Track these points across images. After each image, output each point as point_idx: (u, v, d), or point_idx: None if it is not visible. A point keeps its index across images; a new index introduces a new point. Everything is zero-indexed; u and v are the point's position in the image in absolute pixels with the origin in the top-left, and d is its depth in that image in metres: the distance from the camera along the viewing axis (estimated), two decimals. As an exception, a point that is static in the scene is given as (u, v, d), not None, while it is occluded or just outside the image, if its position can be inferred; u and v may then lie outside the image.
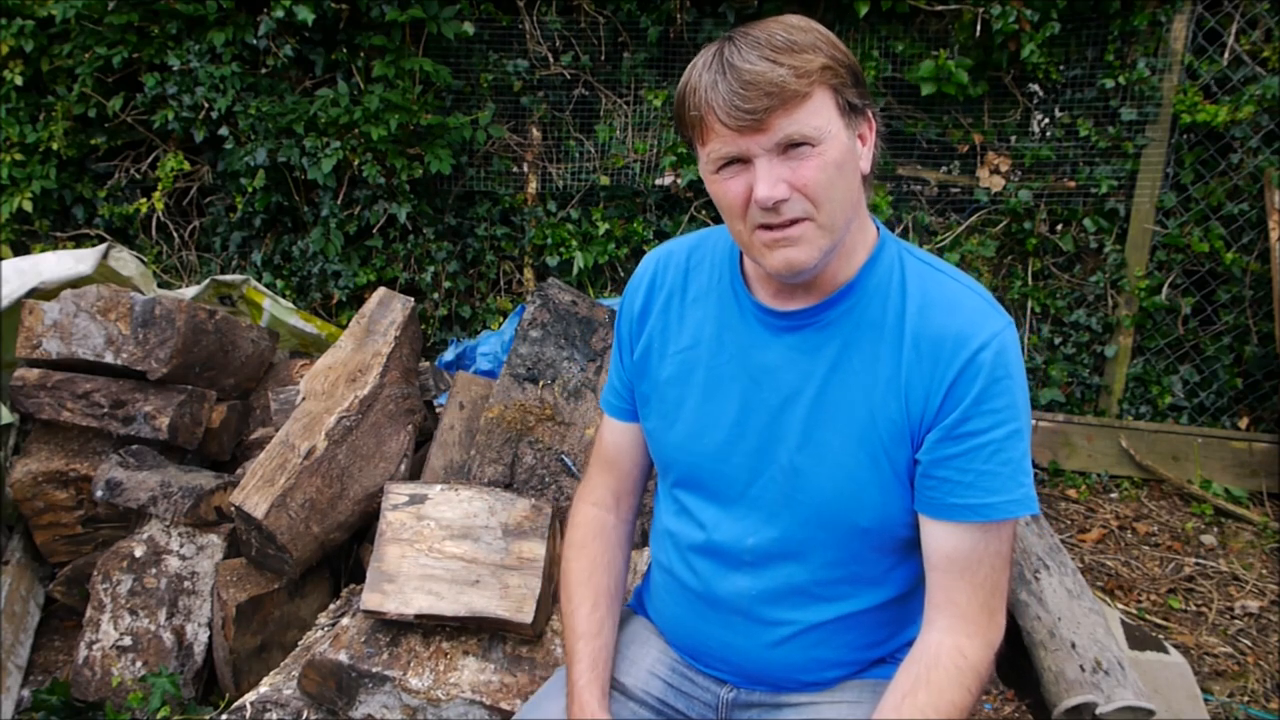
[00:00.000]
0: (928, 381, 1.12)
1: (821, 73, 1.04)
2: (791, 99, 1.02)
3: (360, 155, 3.65)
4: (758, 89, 1.01)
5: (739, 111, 1.02)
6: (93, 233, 4.13)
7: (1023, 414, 1.12)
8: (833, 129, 1.06)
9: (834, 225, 1.09)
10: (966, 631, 1.14)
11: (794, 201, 1.06)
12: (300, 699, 1.88)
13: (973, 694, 1.13)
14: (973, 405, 1.10)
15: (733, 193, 1.09)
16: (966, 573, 1.13)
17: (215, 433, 2.62)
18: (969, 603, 1.13)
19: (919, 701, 1.10)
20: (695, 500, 1.29)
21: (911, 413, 1.13)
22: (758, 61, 1.02)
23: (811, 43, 1.05)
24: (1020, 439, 1.12)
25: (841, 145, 1.07)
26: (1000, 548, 1.14)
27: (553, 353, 2.47)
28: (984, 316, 1.13)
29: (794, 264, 1.09)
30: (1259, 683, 2.56)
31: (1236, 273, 3.59)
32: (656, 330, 1.31)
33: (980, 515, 1.12)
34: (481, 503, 2.01)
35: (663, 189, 3.94)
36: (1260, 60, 3.49)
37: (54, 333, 2.48)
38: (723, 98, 1.03)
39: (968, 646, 1.13)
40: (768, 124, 1.03)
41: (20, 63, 3.83)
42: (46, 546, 2.50)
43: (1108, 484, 3.68)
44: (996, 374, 1.10)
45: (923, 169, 3.86)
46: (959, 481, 1.12)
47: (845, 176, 1.08)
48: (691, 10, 3.77)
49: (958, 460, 1.12)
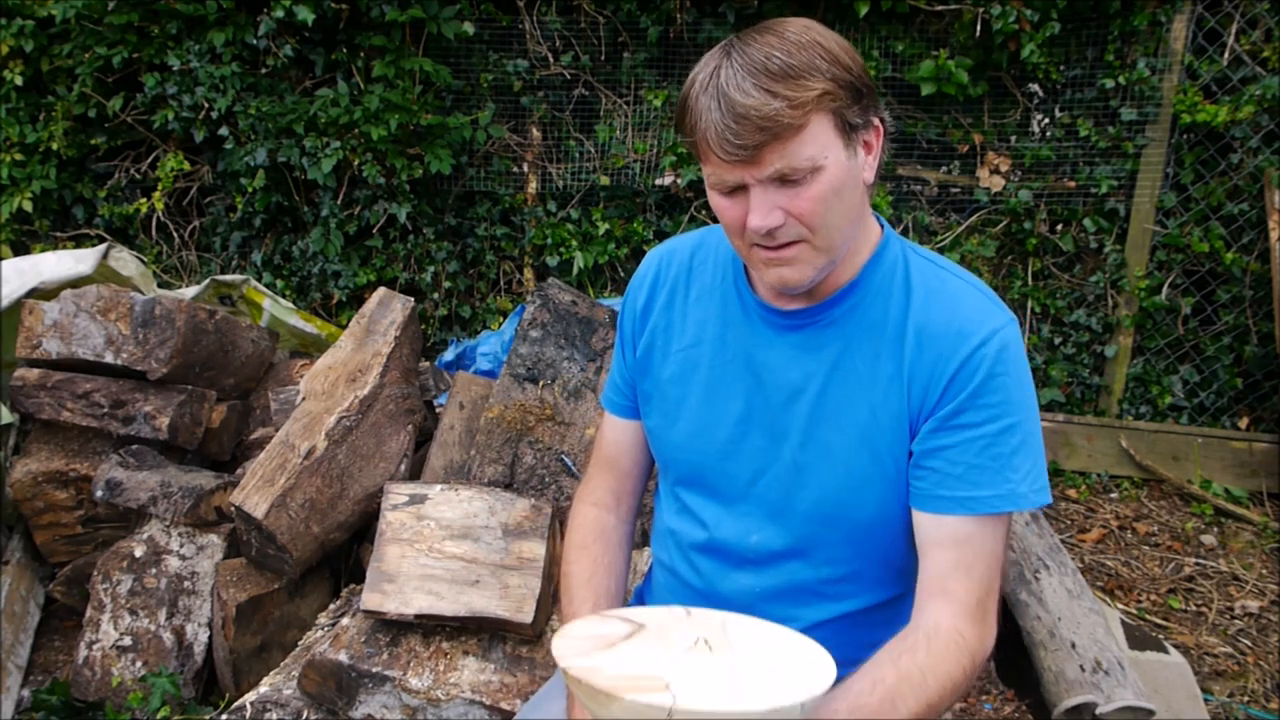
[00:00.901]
0: (928, 375, 1.12)
1: (819, 100, 1.01)
2: (785, 131, 0.99)
3: (360, 155, 3.65)
4: (750, 124, 0.99)
5: (732, 146, 1.00)
6: (93, 233, 4.13)
7: (1020, 410, 1.11)
8: (830, 154, 1.03)
9: (831, 246, 1.09)
10: (964, 618, 1.11)
11: (789, 227, 1.06)
12: (300, 699, 1.88)
13: (966, 677, 1.10)
14: (969, 399, 1.10)
15: (729, 214, 1.09)
16: (961, 565, 1.12)
17: (215, 433, 2.62)
18: (966, 595, 1.11)
19: (918, 660, 1.07)
20: (697, 499, 1.29)
21: (912, 408, 1.13)
22: (752, 92, 0.99)
23: (810, 64, 1.00)
24: (1013, 435, 1.11)
25: (839, 168, 1.05)
26: (993, 545, 1.13)
27: (553, 353, 2.47)
28: (987, 313, 1.13)
29: (788, 283, 1.10)
30: (1259, 683, 2.56)
31: (1236, 273, 3.59)
32: (659, 328, 1.31)
33: (966, 508, 1.11)
34: (481, 503, 2.01)
35: (663, 189, 3.94)
36: (1260, 60, 3.49)
37: (54, 333, 2.48)
38: (715, 130, 1.01)
39: (967, 630, 1.11)
40: (760, 158, 1.01)
41: (20, 63, 3.83)
42: (46, 546, 2.50)
43: (1108, 484, 3.68)
44: (995, 369, 1.10)
45: (923, 169, 3.86)
46: (948, 474, 1.12)
47: (843, 199, 1.07)
48: (691, 10, 3.77)
49: (948, 452, 1.12)
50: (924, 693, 1.06)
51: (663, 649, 1.01)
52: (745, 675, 0.97)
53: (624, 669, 0.95)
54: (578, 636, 1.02)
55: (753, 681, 0.95)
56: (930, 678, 1.06)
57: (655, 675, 0.94)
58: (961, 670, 1.09)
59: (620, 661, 0.97)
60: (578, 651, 0.98)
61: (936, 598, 1.12)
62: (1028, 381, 1.14)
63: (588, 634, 1.03)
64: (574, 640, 1.01)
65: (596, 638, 1.02)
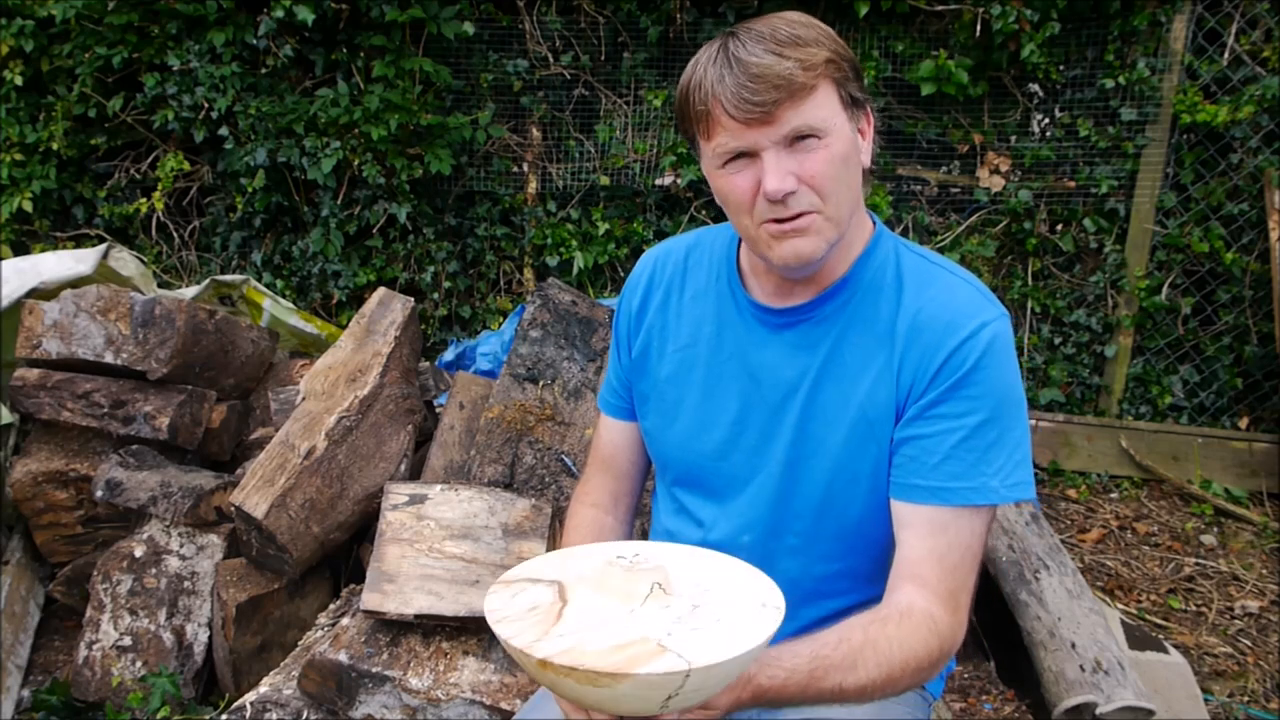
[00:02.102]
0: (917, 365, 1.12)
1: (826, 66, 1.05)
2: (799, 91, 1.03)
3: (360, 155, 3.65)
4: (765, 81, 1.02)
5: (748, 104, 1.02)
6: (93, 233, 4.13)
7: (1000, 405, 1.11)
8: (837, 121, 1.07)
9: (840, 217, 1.10)
10: (937, 604, 1.09)
11: (802, 194, 1.07)
12: (300, 699, 1.88)
13: (933, 661, 1.07)
14: (951, 389, 1.10)
15: (740, 187, 1.09)
16: (935, 553, 1.10)
17: (215, 433, 2.62)
18: (938, 583, 1.09)
19: (888, 630, 1.06)
20: (694, 499, 1.29)
21: (900, 398, 1.14)
22: (764, 55, 1.02)
23: (814, 37, 1.06)
24: (990, 429, 1.10)
25: (846, 138, 1.08)
26: (969, 539, 1.11)
27: (553, 353, 2.47)
28: (977, 306, 1.13)
29: (802, 255, 1.10)
30: (1259, 683, 2.56)
31: (1236, 273, 3.59)
32: (655, 328, 1.31)
33: (939, 498, 1.10)
34: (481, 503, 2.01)
35: (663, 189, 3.94)
36: (1260, 60, 3.49)
37: (54, 333, 2.48)
38: (730, 91, 1.03)
39: (939, 616, 1.09)
40: (775, 116, 1.03)
41: (20, 63, 3.83)
42: (46, 546, 2.50)
43: (1108, 484, 3.68)
44: (981, 363, 1.10)
45: (923, 169, 3.86)
46: (924, 462, 1.11)
47: (849, 169, 1.09)
48: (691, 10, 3.77)
49: (925, 441, 1.12)
50: (887, 662, 1.04)
51: (619, 603, 0.95)
52: (716, 611, 0.93)
53: (607, 639, 0.88)
54: (510, 619, 0.93)
55: (729, 616, 0.92)
56: (896, 649, 1.05)
57: (642, 637, 0.88)
58: (929, 652, 1.06)
59: (592, 631, 0.89)
60: (529, 636, 0.89)
61: (909, 582, 1.11)
62: (1014, 376, 1.13)
63: (515, 612, 0.94)
64: (512, 624, 0.92)
65: (531, 613, 0.93)
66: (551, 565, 1.04)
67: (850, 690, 1.03)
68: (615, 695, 0.81)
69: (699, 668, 0.80)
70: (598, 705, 0.84)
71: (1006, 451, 1.11)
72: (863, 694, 1.04)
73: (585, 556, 1.07)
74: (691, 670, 0.79)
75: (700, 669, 0.80)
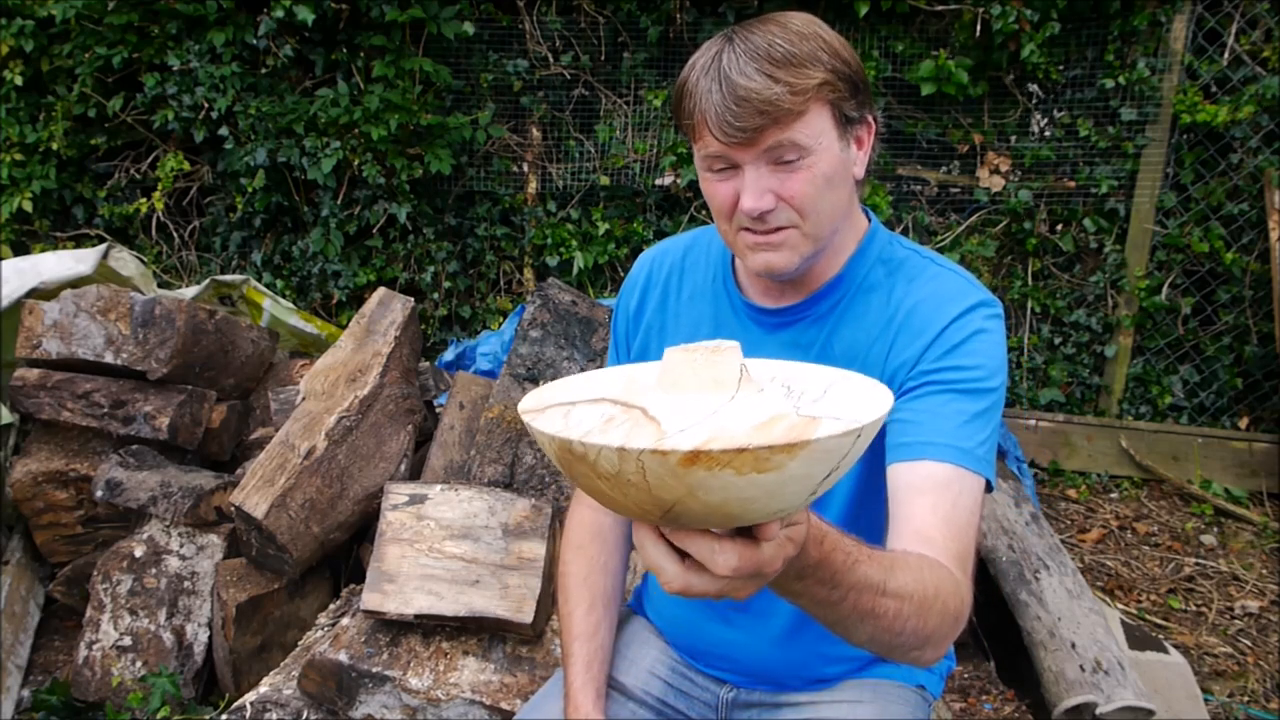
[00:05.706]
0: (907, 346, 1.12)
1: (819, 89, 1.02)
2: (784, 117, 1.01)
3: (360, 155, 3.65)
4: (750, 106, 1.00)
5: (731, 128, 1.01)
6: (93, 233, 4.13)
7: (986, 382, 1.09)
8: (824, 141, 1.05)
9: (819, 233, 1.10)
10: (951, 563, 0.99)
11: (780, 211, 1.06)
12: (300, 699, 1.88)
13: (956, 612, 0.96)
14: (939, 358, 1.10)
15: (721, 194, 1.09)
16: (939, 511, 1.02)
17: (215, 433, 2.62)
18: (946, 544, 1.00)
19: (925, 561, 0.96)
20: None
21: (893, 381, 1.13)
22: (753, 76, 1.00)
23: (812, 53, 1.02)
24: (976, 400, 1.08)
25: (833, 158, 1.06)
26: (969, 501, 1.05)
27: (553, 353, 2.47)
28: (965, 293, 1.13)
29: (774, 268, 1.10)
30: (1259, 683, 2.56)
31: (1236, 273, 3.59)
32: (654, 328, 1.31)
33: (926, 454, 1.05)
34: (481, 503, 2.01)
35: (662, 189, 3.94)
36: (1260, 60, 3.49)
37: (54, 333, 2.48)
38: (715, 110, 1.02)
39: (956, 574, 0.99)
40: (757, 140, 1.02)
41: (20, 63, 3.83)
42: (46, 546, 2.50)
43: (1108, 484, 3.68)
44: (972, 335, 1.10)
45: (923, 169, 3.86)
46: (909, 421, 1.08)
47: (834, 187, 1.08)
48: (691, 10, 3.77)
49: (914, 402, 1.09)
50: (921, 581, 0.92)
51: (712, 393, 0.74)
52: (815, 388, 0.79)
53: (744, 422, 0.69)
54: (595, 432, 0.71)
55: (834, 391, 0.78)
56: (928, 574, 0.94)
57: (779, 413, 0.72)
58: (954, 592, 0.96)
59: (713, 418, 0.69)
60: (645, 439, 0.67)
61: (916, 545, 1.00)
62: (1000, 360, 1.12)
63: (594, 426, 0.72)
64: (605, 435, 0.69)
65: (609, 424, 0.72)
66: (575, 387, 0.83)
67: (890, 592, 0.88)
68: (782, 480, 0.64)
69: (869, 423, 0.66)
70: (747, 505, 0.65)
71: (987, 431, 1.09)
72: (900, 603, 0.89)
73: (606, 372, 0.86)
74: (863, 428, 0.66)
75: (870, 424, 0.67)
